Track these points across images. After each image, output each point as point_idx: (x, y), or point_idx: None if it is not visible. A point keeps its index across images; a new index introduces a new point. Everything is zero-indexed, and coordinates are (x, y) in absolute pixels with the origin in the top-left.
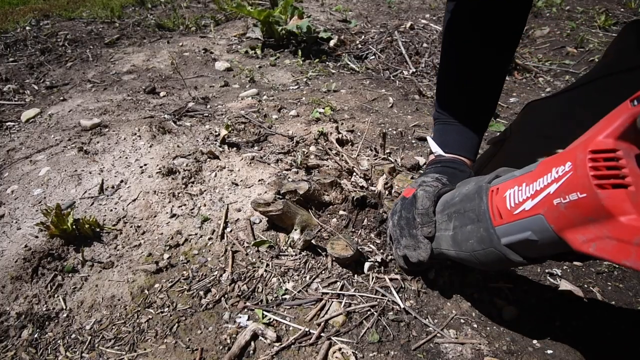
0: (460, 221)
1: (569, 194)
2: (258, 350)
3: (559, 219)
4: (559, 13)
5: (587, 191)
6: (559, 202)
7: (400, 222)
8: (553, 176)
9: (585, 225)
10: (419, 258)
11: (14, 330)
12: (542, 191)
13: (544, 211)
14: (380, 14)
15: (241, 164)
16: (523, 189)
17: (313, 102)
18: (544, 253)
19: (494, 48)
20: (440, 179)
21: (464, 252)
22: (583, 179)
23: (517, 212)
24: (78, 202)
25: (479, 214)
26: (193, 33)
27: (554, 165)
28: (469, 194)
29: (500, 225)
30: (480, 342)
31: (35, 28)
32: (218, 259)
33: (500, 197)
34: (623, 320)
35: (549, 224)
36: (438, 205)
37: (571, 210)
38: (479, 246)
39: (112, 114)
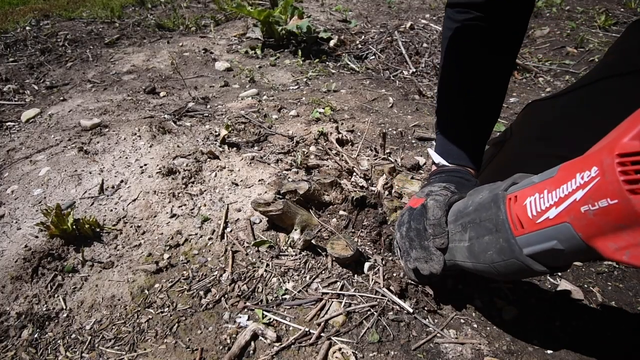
0: (476, 232)
1: (598, 200)
2: (258, 350)
3: (588, 226)
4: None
5: (618, 197)
6: (587, 210)
7: (410, 234)
8: (578, 182)
9: (617, 233)
10: (432, 270)
11: (14, 330)
12: (567, 198)
13: (570, 219)
14: (380, 14)
15: (241, 164)
16: (545, 196)
17: (313, 102)
18: (569, 262)
19: (495, 55)
20: (448, 187)
21: (482, 264)
22: (613, 184)
23: (540, 221)
24: (78, 202)
25: (497, 223)
26: (193, 33)
27: (578, 170)
28: (483, 202)
29: (522, 235)
30: (480, 342)
31: (35, 28)
32: (218, 259)
33: (519, 206)
34: (623, 320)
35: (576, 232)
36: (450, 214)
37: (601, 218)
38: (499, 257)
39: (112, 114)
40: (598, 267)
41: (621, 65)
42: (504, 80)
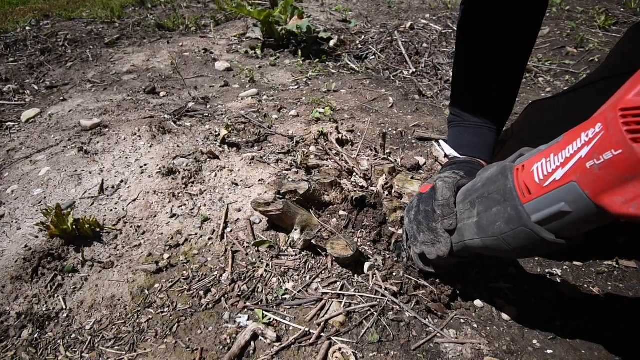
0: (484, 205)
1: (603, 153)
2: (258, 350)
3: (594, 182)
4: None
5: (623, 147)
6: (592, 165)
7: (418, 217)
8: (583, 140)
9: (623, 185)
10: (439, 253)
11: (14, 330)
12: (573, 157)
13: (576, 177)
14: (380, 14)
15: (241, 164)
16: (551, 159)
17: (313, 102)
18: (578, 229)
19: (510, 49)
20: (457, 172)
21: (491, 237)
22: (617, 135)
23: (547, 184)
24: (78, 202)
25: (505, 193)
26: (193, 33)
27: (582, 130)
28: (491, 176)
29: (530, 201)
30: (480, 342)
31: (35, 28)
32: (218, 259)
33: (527, 173)
34: (623, 320)
35: (583, 190)
36: (458, 195)
37: (606, 171)
38: (507, 227)
39: (112, 114)
40: (598, 267)
41: (622, 66)
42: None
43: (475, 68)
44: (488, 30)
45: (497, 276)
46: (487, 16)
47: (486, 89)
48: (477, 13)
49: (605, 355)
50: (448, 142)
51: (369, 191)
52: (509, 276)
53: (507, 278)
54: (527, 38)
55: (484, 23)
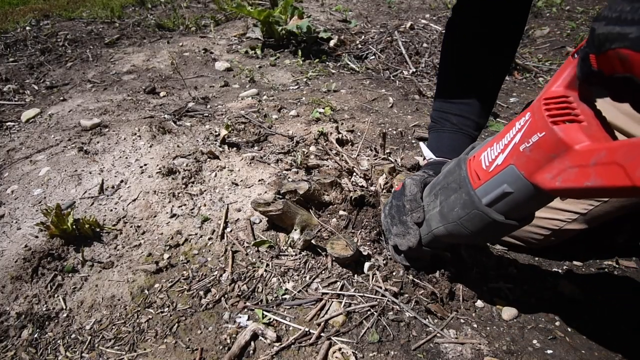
0: (445, 194)
1: (531, 136)
2: (258, 350)
3: (527, 163)
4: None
5: (545, 129)
6: (524, 148)
7: (391, 211)
8: (517, 128)
9: (550, 163)
10: (408, 244)
11: (14, 330)
12: (510, 143)
13: (514, 160)
14: (380, 14)
15: (241, 164)
16: (494, 147)
17: (313, 102)
18: (523, 209)
19: (492, 55)
20: (427, 172)
21: (451, 222)
22: (540, 120)
23: (492, 169)
24: (78, 202)
25: (460, 181)
26: (193, 33)
27: (517, 120)
28: (450, 168)
29: (479, 186)
30: (480, 342)
31: (35, 28)
32: (218, 259)
33: (476, 162)
34: (623, 320)
35: (519, 171)
36: (425, 190)
37: (535, 152)
38: (463, 212)
39: (112, 114)
40: (598, 267)
41: None
42: (497, 77)
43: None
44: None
45: (497, 276)
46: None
47: (463, 95)
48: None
49: (605, 355)
50: (427, 144)
51: (368, 191)
52: (509, 276)
53: (507, 278)
54: (510, 42)
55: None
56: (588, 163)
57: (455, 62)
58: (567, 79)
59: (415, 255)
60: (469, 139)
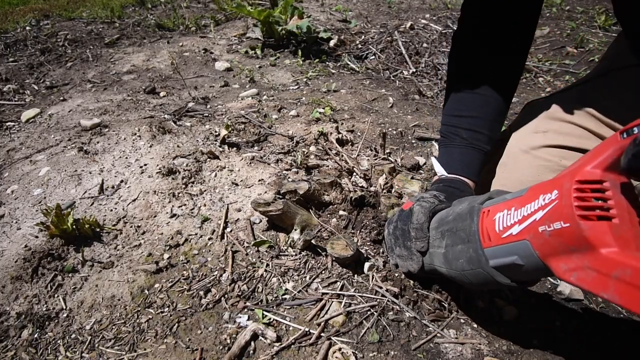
0: (452, 240)
1: (554, 222)
2: (258, 350)
3: (544, 246)
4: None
5: (571, 221)
6: (544, 230)
7: (396, 232)
8: (540, 203)
9: (568, 255)
10: (410, 269)
11: (14, 330)
12: (529, 217)
13: (530, 237)
14: (380, 14)
15: (241, 164)
16: (512, 213)
17: (313, 102)
18: (530, 277)
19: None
20: (438, 197)
21: (454, 270)
22: (567, 208)
23: (505, 236)
24: (78, 202)
25: (469, 234)
26: (193, 33)
27: (542, 192)
28: (462, 213)
29: (489, 247)
30: (480, 342)
31: (35, 28)
32: (218, 259)
33: (490, 220)
34: (623, 320)
35: (534, 250)
36: (433, 221)
37: (555, 239)
38: (468, 266)
39: (112, 114)
40: None
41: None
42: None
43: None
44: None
45: None
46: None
47: (474, 108)
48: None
49: (606, 355)
50: (438, 158)
51: (368, 191)
52: None
53: None
54: (519, 61)
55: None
56: (610, 274)
57: (462, 73)
58: (608, 162)
59: (416, 277)
60: (480, 154)
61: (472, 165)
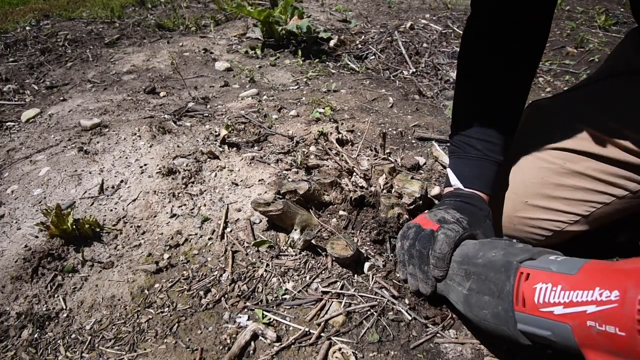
0: (478, 286)
1: (607, 324)
2: (258, 350)
3: (587, 338)
4: (559, 13)
5: (628, 332)
6: (592, 325)
7: (412, 251)
8: (595, 296)
9: (611, 356)
10: (421, 290)
11: (14, 330)
12: (578, 306)
13: (573, 324)
14: (380, 14)
15: (241, 164)
16: (557, 291)
17: (313, 102)
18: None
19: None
20: (461, 222)
21: (474, 315)
22: (628, 319)
23: (543, 310)
24: (78, 202)
25: (502, 291)
26: (193, 33)
27: (599, 285)
28: (495, 263)
29: (521, 312)
30: (480, 342)
31: (35, 28)
32: (218, 259)
33: (529, 287)
34: None
35: (574, 336)
36: (456, 253)
37: (602, 339)
38: (492, 320)
39: (112, 114)
40: None
41: (620, 66)
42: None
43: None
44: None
45: None
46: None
47: (486, 122)
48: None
49: None
50: (452, 167)
51: (368, 191)
52: None
53: None
54: (530, 70)
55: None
56: None
57: (472, 82)
58: None
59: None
60: (494, 166)
61: (487, 179)
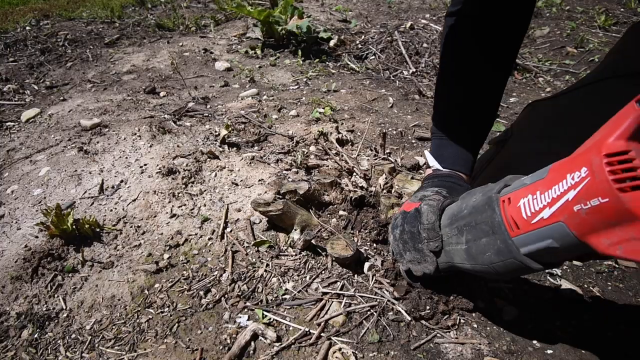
0: (473, 234)
1: (590, 199)
2: (258, 350)
3: (581, 225)
4: (559, 13)
5: (609, 196)
6: (579, 209)
7: (403, 236)
8: (569, 183)
9: (610, 229)
10: (425, 271)
11: (14, 330)
12: (560, 198)
13: (564, 218)
14: (380, 14)
15: (241, 164)
16: (538, 197)
17: (313, 102)
18: (564, 258)
19: (492, 63)
20: (440, 192)
21: (481, 265)
22: (603, 184)
23: (534, 221)
24: (78, 202)
25: (494, 225)
26: (193, 33)
27: (567, 171)
28: (477, 205)
29: (518, 235)
30: (480, 342)
31: (35, 28)
32: (218, 259)
33: (514, 207)
34: (623, 320)
35: (570, 230)
36: (444, 218)
37: (593, 216)
38: (497, 258)
39: (112, 114)
40: (598, 267)
41: (621, 67)
42: (498, 87)
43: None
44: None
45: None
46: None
47: (468, 102)
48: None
49: (605, 355)
50: (432, 151)
51: (368, 191)
52: None
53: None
54: (511, 51)
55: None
56: None
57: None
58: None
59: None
60: (473, 149)
61: (467, 159)
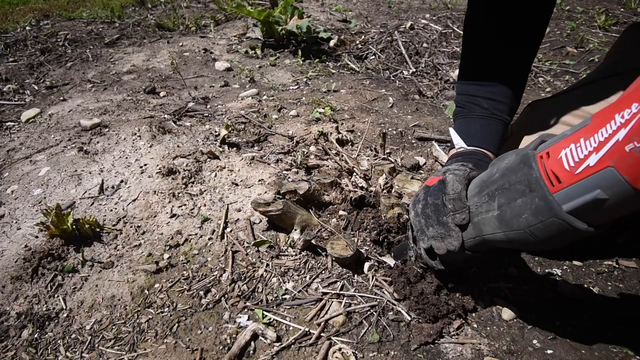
0: (506, 197)
1: None
2: (258, 350)
3: (635, 166)
4: (559, 13)
5: None
6: (632, 148)
7: (426, 210)
8: (618, 122)
9: None
10: (449, 248)
11: (14, 330)
12: (609, 140)
13: (614, 162)
14: (380, 14)
15: (241, 164)
16: (582, 144)
17: (313, 102)
18: (611, 216)
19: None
20: (466, 165)
21: (516, 230)
22: None
23: (579, 171)
24: (78, 202)
25: (531, 182)
26: (193, 33)
27: (616, 111)
28: (511, 166)
29: (560, 190)
30: (480, 342)
31: (35, 28)
32: (218, 259)
33: (554, 160)
34: (623, 320)
35: (622, 175)
36: (471, 187)
37: None
38: (536, 219)
39: (112, 114)
40: (598, 267)
41: (619, 65)
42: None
43: (483, 56)
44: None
45: (497, 276)
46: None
47: (493, 77)
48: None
49: (605, 355)
50: (457, 131)
51: (368, 191)
52: (509, 276)
53: (507, 278)
54: (537, 29)
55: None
56: None
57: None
58: None
59: (454, 258)
60: (502, 125)
61: (493, 137)
